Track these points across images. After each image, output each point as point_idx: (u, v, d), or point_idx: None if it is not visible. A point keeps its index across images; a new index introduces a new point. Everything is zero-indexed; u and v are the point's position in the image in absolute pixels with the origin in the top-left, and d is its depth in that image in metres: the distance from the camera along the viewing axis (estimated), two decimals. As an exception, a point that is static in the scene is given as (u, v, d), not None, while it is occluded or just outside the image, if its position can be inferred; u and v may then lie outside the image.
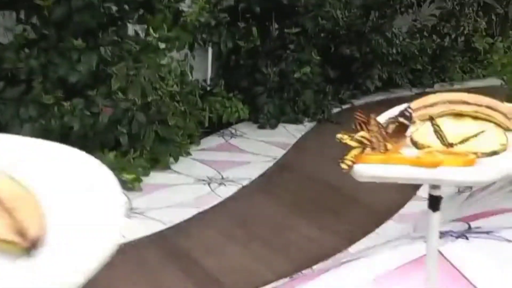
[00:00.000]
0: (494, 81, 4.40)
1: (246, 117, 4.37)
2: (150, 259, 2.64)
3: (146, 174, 3.45)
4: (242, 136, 4.21)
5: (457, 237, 1.90)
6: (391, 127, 1.16)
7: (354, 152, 1.13)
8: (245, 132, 4.28)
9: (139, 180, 3.35)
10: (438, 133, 1.13)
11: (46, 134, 3.10)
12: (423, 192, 3.24)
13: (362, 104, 4.99)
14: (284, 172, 3.64)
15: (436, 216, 1.20)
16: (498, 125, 1.21)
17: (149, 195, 3.26)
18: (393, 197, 3.22)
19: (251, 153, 3.88)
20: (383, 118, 1.24)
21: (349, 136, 1.17)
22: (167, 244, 2.76)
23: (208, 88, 4.42)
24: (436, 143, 1.14)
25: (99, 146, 3.36)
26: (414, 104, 1.27)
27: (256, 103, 4.43)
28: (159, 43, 3.64)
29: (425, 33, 5.45)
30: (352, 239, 2.72)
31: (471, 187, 3.00)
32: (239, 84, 4.49)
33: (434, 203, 1.19)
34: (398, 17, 5.31)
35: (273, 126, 4.40)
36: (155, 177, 3.47)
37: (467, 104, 1.24)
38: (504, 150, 1.10)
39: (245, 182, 3.41)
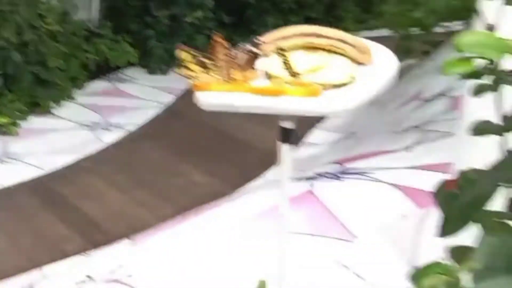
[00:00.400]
0: (387, 32, 4.48)
1: (135, 62, 4.18)
2: (26, 206, 2.48)
3: (24, 118, 3.23)
4: (131, 81, 4.03)
5: (331, 178, 1.92)
6: (242, 58, 1.12)
7: (194, 67, 1.09)
8: (134, 77, 4.10)
9: (16, 124, 3.13)
10: (286, 63, 1.10)
11: None
12: (315, 139, 3.26)
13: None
14: (173, 118, 3.52)
15: (288, 149, 1.18)
16: (350, 58, 1.18)
17: (27, 139, 3.05)
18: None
19: (139, 99, 3.73)
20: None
21: (192, 55, 1.12)
22: (45, 190, 2.60)
23: (94, 30, 4.16)
24: (286, 75, 1.12)
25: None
26: (269, 36, 1.23)
27: (146, 47, 4.24)
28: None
29: (320, -18, 5.42)
30: (240, 184, 2.68)
31: (355, 133, 3.04)
32: (127, 27, 4.27)
33: (285, 135, 1.18)
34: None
35: (164, 72, 4.24)
36: (35, 121, 3.25)
37: (321, 37, 1.21)
38: (353, 82, 1.09)
39: (131, 128, 3.27)
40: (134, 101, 3.69)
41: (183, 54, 1.12)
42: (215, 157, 3.02)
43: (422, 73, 3.21)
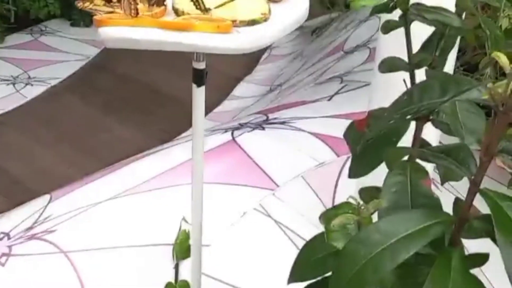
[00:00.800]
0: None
1: (58, 14, 4.05)
2: None
3: None
4: (54, 34, 3.91)
5: (254, 128, 1.96)
6: None
7: (97, 1, 1.05)
8: (56, 30, 3.98)
9: None
10: None
11: None
12: (240, 92, 3.29)
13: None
14: (98, 72, 3.46)
15: (200, 91, 1.17)
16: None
17: None
18: (213, 96, 3.23)
19: (62, 52, 3.64)
20: None
21: None
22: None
23: (13, -20, 3.99)
24: (195, 10, 1.08)
25: None
26: None
27: (68, -3, 4.11)
28: None
29: None
30: (165, 139, 2.69)
31: (280, 85, 3.09)
32: (49, -24, 4.12)
33: (198, 76, 1.16)
34: None
35: (88, 24, 4.12)
36: (-48, 76, 3.13)
37: None
38: (265, 20, 1.06)
39: (53, 82, 3.20)
40: (56, 54, 3.60)
41: None
42: (141, 111, 3.01)
43: (344, 26, 3.28)
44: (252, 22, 1.06)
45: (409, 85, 0.91)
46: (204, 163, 1.19)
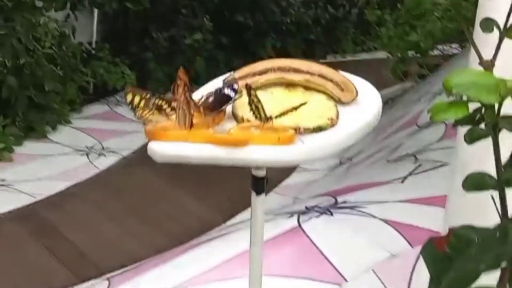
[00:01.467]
0: (383, 54, 4.46)
1: (133, 84, 4.17)
2: (13, 235, 2.45)
3: (19, 144, 3.21)
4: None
5: (321, 213, 1.85)
6: (208, 99, 1.01)
7: (146, 111, 0.98)
8: (132, 100, 4.08)
9: (10, 150, 3.12)
10: (253, 104, 0.97)
11: None
12: (308, 164, 3.22)
13: (255, 74, 4.92)
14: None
15: (260, 199, 1.07)
16: (330, 96, 1.07)
17: (20, 166, 3.03)
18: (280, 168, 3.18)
19: (135, 122, 3.69)
20: (208, 88, 1.09)
21: (143, 97, 0.98)
22: (34, 219, 2.57)
23: (93, 52, 4.17)
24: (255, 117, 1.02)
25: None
26: (241, 71, 1.12)
27: (145, 70, 4.24)
28: (36, 1, 3.38)
29: (319, 3, 5.43)
30: (232, 212, 2.65)
31: (350, 159, 3.01)
32: (126, 49, 4.28)
33: (257, 184, 1.06)
34: (293, -14, 5.25)
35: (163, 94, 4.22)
36: (29, 146, 3.24)
37: (299, 72, 1.09)
38: (332, 125, 0.98)
39: (126, 153, 3.26)
40: (130, 124, 3.67)
41: (130, 97, 0.98)
42: (209, 183, 2.99)
43: (418, 98, 3.19)
44: (318, 129, 0.98)
45: (498, 206, 0.81)
46: (262, 262, 1.11)
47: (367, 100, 1.10)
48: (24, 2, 3.25)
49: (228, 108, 1.02)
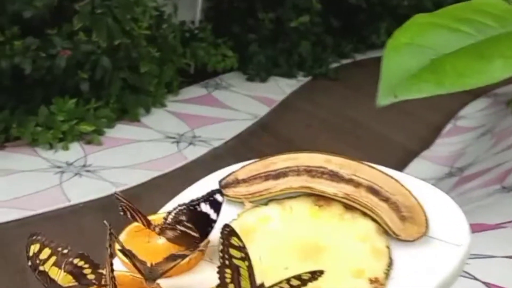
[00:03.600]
0: None
1: (235, 67, 3.99)
2: (90, 226, 2.36)
3: (111, 126, 3.14)
4: (227, 88, 3.85)
5: None
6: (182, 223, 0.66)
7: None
8: (231, 84, 3.91)
9: (101, 133, 3.04)
10: (229, 262, 0.55)
11: (-6, 75, 2.78)
12: (413, 170, 2.90)
13: (366, 59, 4.58)
14: (263, 134, 3.29)
15: None
16: (383, 228, 0.65)
17: (108, 150, 2.95)
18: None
19: (231, 109, 3.53)
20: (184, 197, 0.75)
21: (53, 250, 0.63)
22: (113, 209, 2.47)
23: (195, 32, 4.02)
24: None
25: (58, 92, 3.04)
26: (249, 169, 0.78)
27: (247, 52, 4.04)
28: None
29: (443, -15, 4.95)
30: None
31: (461, 170, 2.65)
32: (230, 29, 4.10)
33: None
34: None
35: (263, 79, 4.02)
36: (121, 130, 3.16)
37: (337, 178, 0.69)
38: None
39: (216, 144, 3.08)
40: (225, 111, 3.50)
41: (33, 248, 0.63)
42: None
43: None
44: None
45: None
46: None
47: (445, 235, 0.65)
48: (123, -20, 3.14)
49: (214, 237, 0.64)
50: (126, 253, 0.62)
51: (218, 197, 0.67)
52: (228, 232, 0.55)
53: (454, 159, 2.93)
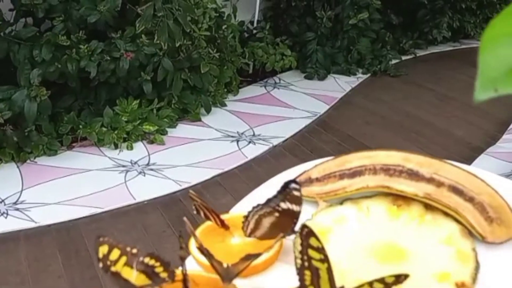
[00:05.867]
0: None
1: (294, 65, 4.01)
2: (154, 223, 2.42)
3: (173, 126, 3.21)
4: (286, 87, 3.86)
5: None
6: (266, 221, 0.65)
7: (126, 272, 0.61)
8: (290, 83, 3.93)
9: (163, 132, 3.12)
10: (307, 263, 0.53)
11: (62, 78, 2.89)
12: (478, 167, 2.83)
13: (426, 55, 4.50)
14: (322, 131, 3.29)
15: None
16: (468, 230, 0.62)
17: (171, 149, 3.02)
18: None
19: (291, 107, 3.55)
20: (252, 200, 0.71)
21: (122, 250, 0.62)
22: (175, 207, 2.53)
23: (254, 32, 4.06)
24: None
25: (122, 94, 3.13)
26: (323, 167, 0.75)
27: (306, 50, 4.05)
28: (196, -18, 3.32)
29: (508, -23, 4.82)
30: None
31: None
32: (288, 29, 4.11)
33: None
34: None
35: (322, 77, 4.01)
36: (183, 129, 3.22)
37: (416, 177, 0.66)
38: None
39: (276, 142, 3.10)
40: (284, 110, 3.52)
41: (105, 250, 0.62)
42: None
43: None
44: None
45: None
46: None
47: None
48: (184, -18, 3.20)
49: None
50: (204, 252, 0.62)
51: (295, 187, 0.64)
52: (307, 232, 0.52)
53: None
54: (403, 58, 4.37)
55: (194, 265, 0.66)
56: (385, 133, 3.28)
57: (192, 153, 2.98)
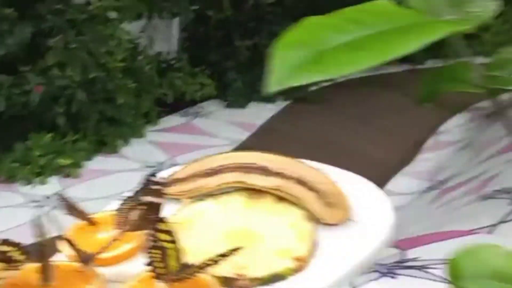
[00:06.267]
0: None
1: (213, 94, 4.01)
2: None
3: (89, 159, 3.12)
4: (207, 116, 3.85)
5: (382, 275, 1.49)
6: (133, 214, 0.73)
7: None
8: (211, 111, 3.92)
9: (78, 165, 3.03)
10: (157, 248, 0.62)
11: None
12: (394, 186, 2.90)
13: (344, 81, 4.61)
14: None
15: None
16: (311, 214, 0.73)
17: (87, 182, 2.94)
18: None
19: (211, 136, 3.54)
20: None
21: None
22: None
23: (172, 62, 4.04)
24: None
25: (35, 127, 3.03)
26: (189, 168, 0.85)
27: (225, 79, 4.06)
28: (109, 13, 3.28)
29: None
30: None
31: (443, 183, 2.65)
32: (207, 58, 4.12)
33: None
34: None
35: (243, 105, 4.03)
36: (100, 162, 3.14)
37: (268, 172, 0.78)
38: (298, 270, 0.65)
39: (196, 170, 3.07)
40: (206, 138, 3.50)
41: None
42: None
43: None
44: (273, 279, 0.64)
45: None
46: None
47: (368, 219, 0.73)
48: (96, 15, 3.16)
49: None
50: (68, 242, 0.72)
51: (153, 180, 0.75)
52: (155, 218, 0.66)
53: (435, 173, 2.94)
54: (322, 84, 4.45)
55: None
56: (305, 158, 3.31)
57: (109, 185, 2.91)
